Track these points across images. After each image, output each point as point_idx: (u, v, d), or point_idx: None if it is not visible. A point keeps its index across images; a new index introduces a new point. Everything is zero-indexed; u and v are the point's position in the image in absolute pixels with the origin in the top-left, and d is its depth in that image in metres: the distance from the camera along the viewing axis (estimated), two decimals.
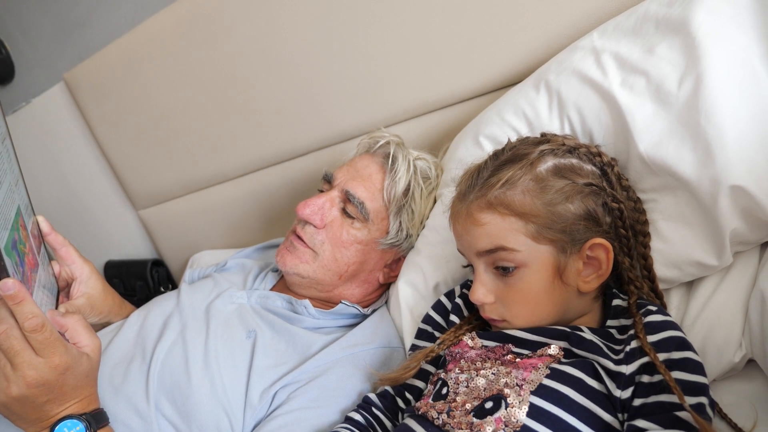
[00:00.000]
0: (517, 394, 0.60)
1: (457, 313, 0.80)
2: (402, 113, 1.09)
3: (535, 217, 0.65)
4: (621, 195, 0.70)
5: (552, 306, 0.68)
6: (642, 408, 0.58)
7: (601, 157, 0.70)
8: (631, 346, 0.61)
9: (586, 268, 0.68)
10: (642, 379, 0.59)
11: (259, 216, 1.35)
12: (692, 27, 0.68)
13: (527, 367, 0.63)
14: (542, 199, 0.65)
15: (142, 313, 0.93)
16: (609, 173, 0.70)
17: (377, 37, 1.05)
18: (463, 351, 0.72)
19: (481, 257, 0.69)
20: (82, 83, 1.42)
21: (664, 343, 0.61)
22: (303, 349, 0.85)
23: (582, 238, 0.66)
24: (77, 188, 1.61)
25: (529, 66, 0.91)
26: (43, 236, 0.82)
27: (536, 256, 0.66)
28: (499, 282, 0.68)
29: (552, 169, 0.67)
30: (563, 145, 0.70)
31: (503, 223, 0.66)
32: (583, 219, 0.66)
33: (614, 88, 0.73)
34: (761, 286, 0.66)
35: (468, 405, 0.62)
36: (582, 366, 0.62)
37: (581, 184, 0.67)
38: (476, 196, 0.69)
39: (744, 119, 0.64)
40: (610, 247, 0.67)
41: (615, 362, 0.60)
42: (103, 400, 0.76)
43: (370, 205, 0.92)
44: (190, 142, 1.34)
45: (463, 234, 0.71)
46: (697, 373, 0.58)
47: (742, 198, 0.64)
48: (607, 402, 0.60)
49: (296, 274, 0.92)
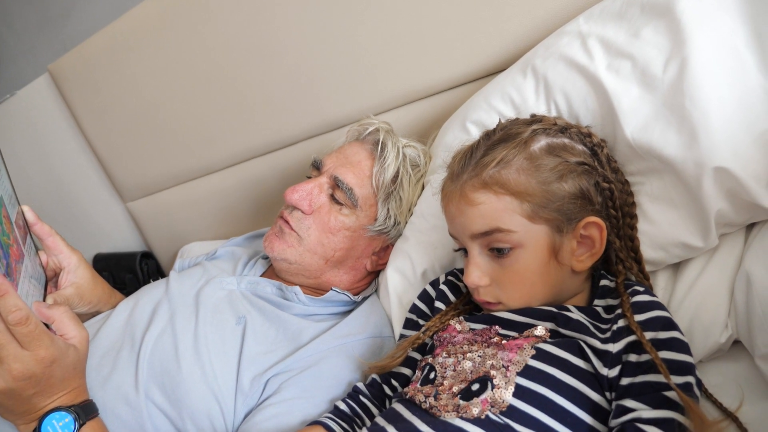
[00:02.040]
0: (504, 376, 0.60)
1: (443, 300, 0.80)
2: (391, 101, 1.09)
3: (530, 196, 0.65)
4: (611, 176, 0.70)
5: (547, 286, 0.68)
6: (630, 387, 0.58)
7: (591, 137, 0.71)
8: (618, 325, 0.62)
9: (580, 247, 0.68)
10: (629, 358, 0.59)
11: (249, 206, 1.35)
12: (677, 10, 0.68)
13: (513, 348, 0.63)
14: (537, 177, 0.65)
15: (130, 301, 0.93)
16: (599, 154, 0.70)
17: (366, 26, 1.04)
18: (450, 336, 0.72)
19: (475, 240, 0.68)
20: (67, 74, 1.40)
21: (651, 322, 0.61)
22: (294, 336, 0.85)
23: (576, 218, 0.66)
24: (64, 181, 1.59)
25: (517, 52, 0.91)
26: (30, 226, 0.81)
27: (532, 236, 0.66)
28: (494, 264, 0.68)
29: (545, 147, 0.67)
30: (555, 124, 0.70)
31: (498, 202, 0.66)
32: (577, 198, 0.66)
33: (600, 71, 0.74)
34: (747, 268, 0.67)
35: (455, 388, 0.63)
36: (568, 346, 0.62)
37: (574, 162, 0.67)
38: (470, 176, 0.68)
39: (728, 102, 0.65)
40: (604, 226, 0.67)
41: (602, 341, 0.61)
42: (91, 390, 0.76)
43: (359, 191, 0.92)
44: (178, 133, 1.33)
45: (457, 215, 0.69)
46: (684, 353, 0.59)
47: (726, 180, 0.65)
48: (594, 381, 0.60)
49: (283, 259, 0.92)
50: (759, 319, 0.64)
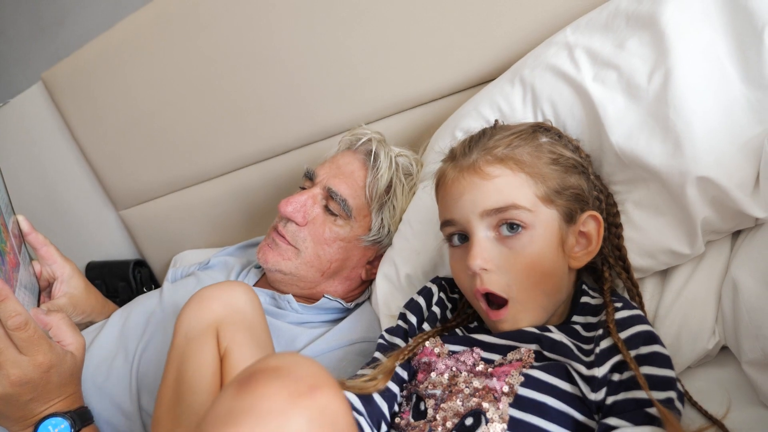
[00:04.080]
0: (496, 408, 0.59)
1: (431, 322, 0.76)
2: (383, 110, 1.10)
3: (544, 178, 0.65)
4: (599, 184, 0.72)
5: (552, 283, 0.66)
6: (613, 406, 0.57)
7: (580, 151, 0.72)
8: (601, 347, 0.61)
9: (577, 244, 0.68)
10: (613, 377, 0.59)
11: (242, 214, 1.35)
12: (661, 22, 0.70)
13: (500, 376, 0.62)
14: (548, 165, 0.66)
15: (124, 312, 0.93)
16: (587, 166, 0.72)
17: (357, 35, 1.05)
18: (430, 360, 0.68)
19: (485, 218, 0.64)
20: (60, 83, 1.41)
21: (633, 339, 0.60)
22: (287, 344, 0.85)
23: (577, 212, 0.67)
24: (58, 189, 1.59)
25: (507, 62, 0.92)
26: (24, 236, 0.82)
27: (544, 219, 0.64)
28: (502, 247, 0.64)
29: (548, 143, 0.69)
30: (550, 129, 0.72)
31: (514, 178, 0.64)
32: (579, 192, 0.67)
33: (587, 82, 0.75)
34: (733, 275, 0.68)
35: (448, 423, 0.60)
36: (556, 370, 0.61)
37: (574, 161, 0.69)
38: (481, 153, 0.66)
39: (713, 112, 0.66)
40: (602, 221, 0.68)
41: (587, 365, 0.60)
42: (87, 399, 0.76)
43: (353, 202, 0.93)
44: (171, 141, 1.34)
45: (464, 193, 0.66)
46: (665, 367, 0.58)
47: (710, 188, 0.66)
48: (582, 404, 0.59)
49: (278, 270, 0.93)
50: (745, 325, 0.65)
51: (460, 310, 0.78)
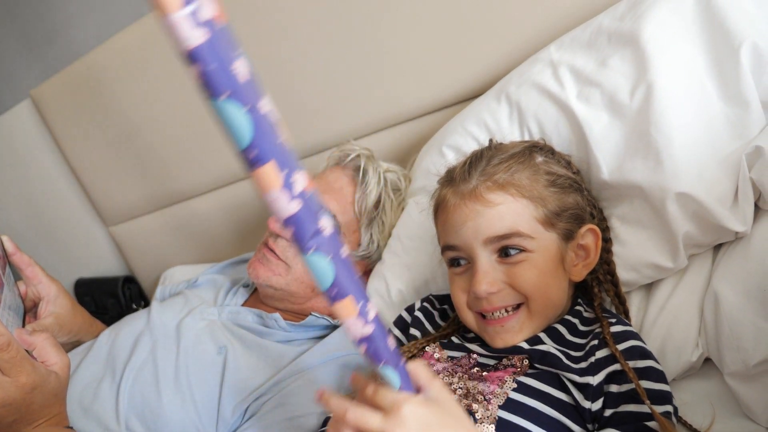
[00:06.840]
0: (485, 409, 0.59)
1: (418, 327, 0.79)
2: (370, 125, 1.11)
3: (544, 201, 0.65)
4: (592, 198, 0.73)
5: (552, 305, 0.67)
6: (612, 417, 0.58)
7: (572, 166, 0.73)
8: (596, 357, 0.62)
9: (576, 257, 0.69)
10: (611, 388, 0.60)
11: (231, 230, 1.35)
12: (642, 39, 0.71)
13: (494, 380, 0.63)
14: (547, 188, 0.66)
15: (112, 332, 0.93)
16: (581, 182, 0.73)
17: (343, 52, 1.06)
18: (429, 364, 0.70)
19: (488, 245, 0.65)
20: (49, 100, 1.41)
21: (629, 352, 0.62)
22: (275, 362, 0.85)
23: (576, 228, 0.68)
24: (46, 206, 1.58)
25: (493, 78, 0.93)
26: (8, 256, 0.81)
27: (544, 244, 0.65)
28: (504, 267, 0.65)
29: (544, 162, 0.69)
30: (543, 147, 0.72)
31: (516, 204, 0.65)
32: (577, 209, 0.68)
33: (571, 100, 0.76)
34: (714, 288, 0.69)
35: None
36: (548, 378, 0.62)
37: (570, 180, 0.69)
38: (480, 180, 0.66)
39: (693, 128, 0.67)
40: (600, 233, 0.69)
41: (579, 373, 0.61)
42: (73, 420, 0.75)
43: (342, 218, 0.93)
44: (159, 158, 1.34)
45: (467, 221, 0.66)
46: (662, 382, 0.60)
47: (690, 204, 0.67)
48: (575, 413, 0.60)
49: (269, 285, 0.93)
50: (727, 337, 0.65)
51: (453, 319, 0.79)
